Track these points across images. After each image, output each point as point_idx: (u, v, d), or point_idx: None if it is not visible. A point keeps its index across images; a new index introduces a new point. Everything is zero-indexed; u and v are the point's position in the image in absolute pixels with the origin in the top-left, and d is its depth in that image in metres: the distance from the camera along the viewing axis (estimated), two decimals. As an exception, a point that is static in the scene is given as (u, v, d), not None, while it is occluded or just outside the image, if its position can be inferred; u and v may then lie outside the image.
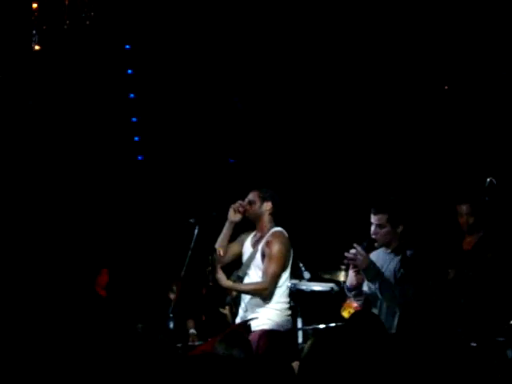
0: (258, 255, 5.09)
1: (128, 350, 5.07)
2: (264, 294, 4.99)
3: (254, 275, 5.09)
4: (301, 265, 6.56)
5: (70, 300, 7.42)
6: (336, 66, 7.93)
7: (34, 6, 7.03)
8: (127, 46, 8.71)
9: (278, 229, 5.12)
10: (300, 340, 6.24)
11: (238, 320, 5.22)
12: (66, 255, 8.14)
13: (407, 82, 7.70)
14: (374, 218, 4.80)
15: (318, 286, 6.56)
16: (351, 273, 4.81)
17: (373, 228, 4.81)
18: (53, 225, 8.17)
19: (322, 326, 6.31)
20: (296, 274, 6.52)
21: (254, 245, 5.18)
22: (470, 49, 7.39)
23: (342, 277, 6.47)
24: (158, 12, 8.37)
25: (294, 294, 6.18)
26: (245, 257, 5.22)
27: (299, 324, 6.33)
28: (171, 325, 5.97)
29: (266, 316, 5.01)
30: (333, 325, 6.17)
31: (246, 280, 5.13)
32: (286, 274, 5.09)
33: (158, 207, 8.62)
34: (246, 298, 5.15)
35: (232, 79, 8.48)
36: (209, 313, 7.35)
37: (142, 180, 8.80)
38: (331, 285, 6.53)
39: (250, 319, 4.94)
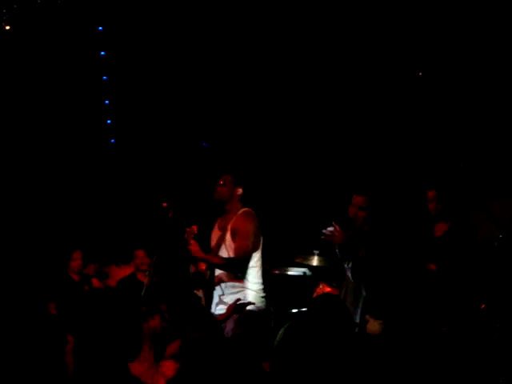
0: (228, 235, 5.11)
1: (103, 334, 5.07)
2: (236, 269, 4.99)
3: (225, 255, 5.09)
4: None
5: (43, 286, 7.37)
6: (308, 51, 7.93)
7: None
8: (100, 28, 8.61)
9: (246, 209, 5.16)
10: (272, 324, 6.25)
11: (214, 302, 5.21)
12: (38, 239, 8.07)
13: (380, 68, 7.72)
14: (356, 199, 4.84)
15: (290, 271, 6.59)
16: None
17: (352, 209, 4.84)
18: (24, 209, 8.09)
19: (294, 310, 6.34)
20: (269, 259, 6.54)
21: (222, 228, 5.19)
22: (443, 36, 7.42)
23: (314, 261, 6.50)
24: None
25: (268, 279, 6.19)
26: (213, 242, 5.23)
27: (271, 308, 6.35)
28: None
29: (241, 296, 5.02)
30: (305, 309, 6.20)
31: None
32: (258, 254, 5.13)
33: (131, 191, 8.57)
34: (220, 281, 5.15)
35: (205, 63, 8.44)
36: (182, 296, 7.34)
37: (115, 163, 8.73)
38: (304, 269, 6.56)
39: (239, 301, 4.92)
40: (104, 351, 6.34)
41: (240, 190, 5.21)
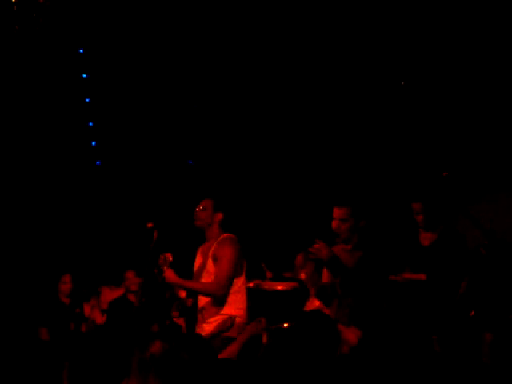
0: (209, 261, 5.06)
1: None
2: (217, 294, 4.94)
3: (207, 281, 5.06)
4: (263, 265, 6.59)
5: (32, 310, 7.35)
6: (286, 64, 7.96)
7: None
8: (81, 50, 8.62)
9: (228, 234, 5.11)
10: (265, 340, 6.24)
11: (196, 329, 5.16)
12: (27, 264, 8.04)
13: (363, 79, 7.76)
14: (336, 212, 4.83)
15: (280, 286, 6.56)
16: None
17: (335, 222, 4.83)
18: (13, 233, 8.07)
19: (285, 325, 6.32)
20: (258, 275, 6.54)
21: (204, 254, 5.16)
22: (425, 45, 7.46)
23: (303, 275, 6.49)
24: (112, 15, 8.30)
25: (257, 295, 6.18)
26: (196, 269, 5.20)
27: (263, 324, 6.33)
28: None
29: (223, 323, 4.99)
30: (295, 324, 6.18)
31: None
32: (241, 280, 5.06)
33: (117, 211, 8.56)
34: (202, 308, 5.11)
35: (190, 82, 8.46)
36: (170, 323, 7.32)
37: (101, 185, 8.72)
38: (293, 284, 6.54)
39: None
40: (99, 375, 6.34)
41: (220, 216, 5.14)
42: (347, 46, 7.68)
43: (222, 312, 5.00)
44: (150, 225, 5.29)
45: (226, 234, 5.09)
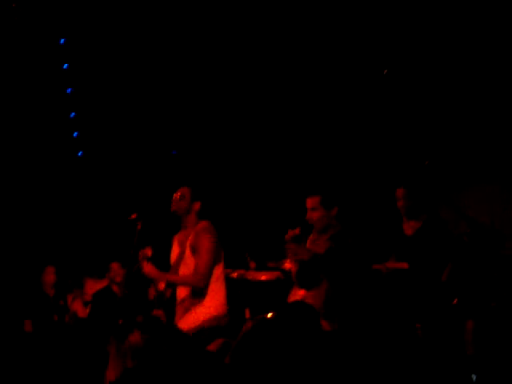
0: (187, 252, 5.05)
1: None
2: (199, 285, 4.94)
3: (186, 272, 5.04)
4: (246, 255, 6.59)
5: (17, 302, 7.33)
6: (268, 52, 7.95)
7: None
8: (62, 40, 8.54)
9: (205, 222, 5.11)
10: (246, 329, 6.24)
11: (177, 320, 5.15)
12: (10, 255, 8.00)
13: (345, 66, 7.75)
14: (307, 202, 4.85)
15: (264, 275, 6.57)
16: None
17: (308, 213, 4.85)
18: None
19: (269, 314, 6.33)
20: (242, 264, 6.54)
21: (181, 244, 5.14)
22: (409, 32, 7.45)
23: (287, 265, 6.49)
24: (93, 3, 8.23)
25: (241, 284, 6.19)
26: (173, 259, 5.18)
27: (247, 314, 6.34)
28: None
29: (204, 311, 4.99)
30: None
31: None
32: (220, 268, 5.06)
33: (100, 203, 8.52)
34: (182, 298, 5.09)
35: (172, 71, 8.42)
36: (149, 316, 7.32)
37: (83, 176, 8.67)
38: (277, 273, 6.55)
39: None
40: (81, 365, 6.34)
41: (198, 205, 5.15)
42: (331, 31, 7.68)
43: (203, 302, 4.99)
44: (133, 216, 5.28)
45: (202, 223, 5.09)
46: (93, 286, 7.73)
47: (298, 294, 6.21)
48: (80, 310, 7.58)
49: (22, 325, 7.17)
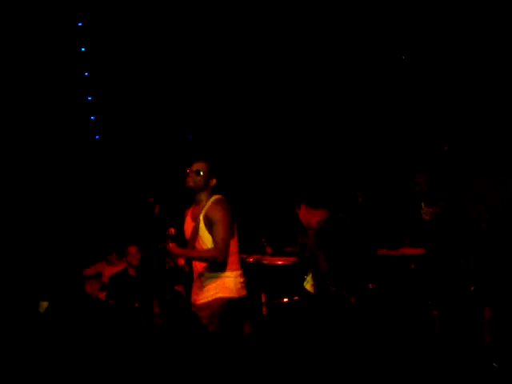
0: (201, 225, 5.03)
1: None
2: (218, 260, 4.94)
3: (201, 248, 5.05)
4: (263, 240, 6.59)
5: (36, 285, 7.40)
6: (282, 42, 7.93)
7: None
8: (80, 23, 8.54)
9: (217, 196, 5.10)
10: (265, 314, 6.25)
11: (194, 294, 5.17)
12: (30, 239, 8.06)
13: (364, 52, 7.70)
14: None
15: (280, 260, 6.56)
16: None
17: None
18: (12, 210, 8.07)
19: (285, 299, 6.33)
20: (258, 250, 6.53)
21: (195, 218, 5.13)
22: (426, 20, 7.40)
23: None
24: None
25: (257, 269, 6.18)
26: (187, 233, 5.17)
27: (263, 299, 6.35)
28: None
29: (221, 284, 5.00)
30: (296, 298, 6.21)
31: None
32: (234, 240, 5.06)
33: (117, 186, 8.53)
34: (199, 272, 5.10)
35: (190, 54, 8.40)
36: (171, 292, 7.35)
37: (100, 159, 8.69)
38: (293, 258, 6.54)
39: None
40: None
41: (214, 181, 5.14)
42: (346, 19, 7.63)
43: (218, 274, 4.99)
44: (151, 199, 5.27)
45: (216, 196, 5.07)
46: (110, 270, 7.77)
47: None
48: (96, 293, 7.63)
49: (37, 306, 7.23)
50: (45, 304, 7.17)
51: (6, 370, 6.09)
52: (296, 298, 6.20)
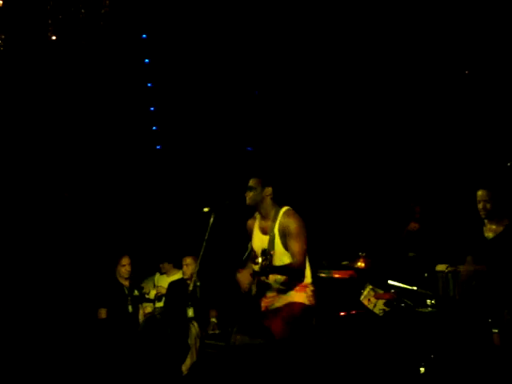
0: (277, 239, 5.05)
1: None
2: (301, 270, 4.99)
3: (280, 262, 5.05)
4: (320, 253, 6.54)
5: (93, 292, 7.49)
6: (345, 56, 7.89)
7: (50, -5, 7.03)
8: (144, 36, 8.69)
9: (287, 207, 5.12)
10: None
11: (264, 303, 5.19)
12: (86, 246, 8.18)
13: (426, 66, 7.61)
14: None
15: (337, 274, 6.51)
16: None
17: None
18: (71, 216, 8.22)
19: (342, 313, 6.28)
20: (316, 263, 6.48)
21: (266, 232, 5.15)
22: (490, 33, 7.27)
23: (360, 263, 6.41)
24: (173, 0, 8.35)
25: (314, 282, 6.14)
26: (257, 246, 5.17)
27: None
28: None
29: (295, 292, 5.06)
30: (353, 312, 6.17)
31: None
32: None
33: (176, 196, 8.61)
34: (273, 280, 5.13)
35: (248, 69, 8.45)
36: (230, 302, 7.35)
37: (161, 169, 8.80)
38: (350, 272, 6.48)
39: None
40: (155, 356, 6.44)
41: (269, 190, 5.16)
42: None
43: (295, 283, 5.04)
44: (206, 209, 5.31)
45: (285, 208, 5.11)
46: (165, 280, 7.82)
47: (372, 294, 6.16)
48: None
49: (96, 313, 7.33)
50: (103, 311, 7.27)
51: (68, 374, 6.22)
52: (353, 311, 6.17)
